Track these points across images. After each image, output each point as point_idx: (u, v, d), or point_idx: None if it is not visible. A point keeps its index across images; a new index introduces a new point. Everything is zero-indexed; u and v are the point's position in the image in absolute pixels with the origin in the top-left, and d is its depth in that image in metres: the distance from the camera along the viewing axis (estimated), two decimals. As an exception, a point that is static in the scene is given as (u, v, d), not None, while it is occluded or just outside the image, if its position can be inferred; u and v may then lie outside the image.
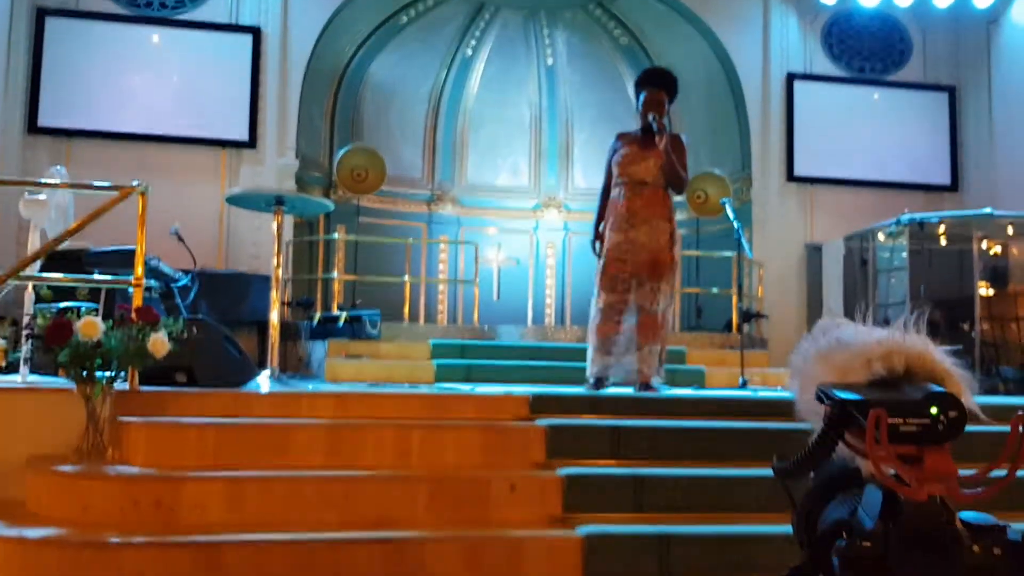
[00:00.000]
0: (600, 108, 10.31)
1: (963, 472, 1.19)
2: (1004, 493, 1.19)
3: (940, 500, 1.18)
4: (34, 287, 4.38)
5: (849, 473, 1.29)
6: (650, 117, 4.87)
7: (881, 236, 7.95)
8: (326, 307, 8.09)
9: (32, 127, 8.09)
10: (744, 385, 5.75)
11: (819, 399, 1.22)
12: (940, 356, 1.28)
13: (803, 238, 9.28)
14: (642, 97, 4.99)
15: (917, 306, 6.72)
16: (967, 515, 1.20)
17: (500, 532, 3.23)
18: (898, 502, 1.17)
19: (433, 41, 10.14)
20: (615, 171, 4.95)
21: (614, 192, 4.94)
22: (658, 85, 5.02)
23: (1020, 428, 1.17)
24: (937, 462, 1.16)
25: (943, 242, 7.61)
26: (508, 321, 8.42)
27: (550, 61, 10.54)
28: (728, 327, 8.25)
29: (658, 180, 4.86)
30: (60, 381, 3.72)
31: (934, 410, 1.16)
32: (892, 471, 1.16)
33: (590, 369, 4.84)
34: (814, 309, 8.69)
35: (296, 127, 8.68)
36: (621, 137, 5.06)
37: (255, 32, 8.56)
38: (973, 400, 1.27)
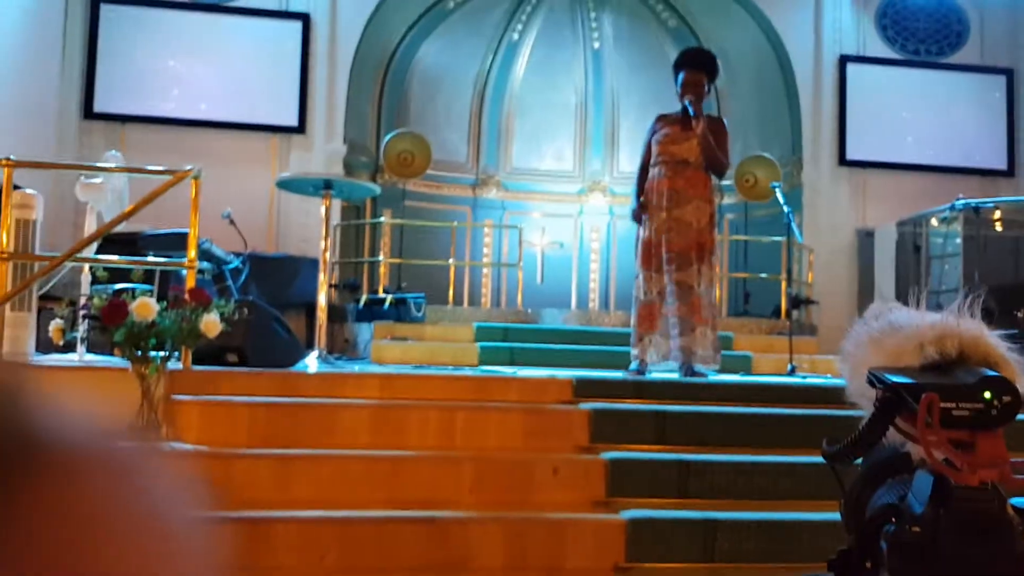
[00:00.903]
0: (647, 92, 10.21)
1: (1016, 459, 1.17)
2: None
3: (992, 486, 1.16)
4: (90, 268, 4.49)
5: (899, 458, 1.27)
6: (686, 100, 4.82)
7: (935, 221, 7.79)
8: (372, 290, 8.17)
9: (88, 112, 8.26)
10: (792, 372, 5.69)
11: (870, 383, 1.21)
12: (995, 341, 1.26)
13: (855, 223, 9.12)
14: (681, 78, 4.94)
15: (971, 292, 6.56)
16: (1019, 501, 1.18)
17: (543, 515, 3.26)
18: (949, 487, 1.16)
19: (480, 26, 10.13)
20: (655, 150, 4.91)
21: (653, 171, 4.89)
22: (697, 66, 4.95)
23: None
24: (990, 447, 1.14)
25: (998, 228, 7.43)
26: (552, 305, 8.42)
27: (596, 45, 10.46)
28: (776, 313, 8.15)
29: (700, 160, 4.81)
30: (115, 360, 3.81)
31: (987, 395, 1.14)
32: (943, 456, 1.14)
33: (636, 352, 4.83)
34: (865, 295, 8.54)
35: (344, 113, 8.75)
36: (661, 118, 5.00)
37: (305, 19, 8.63)
38: (1029, 386, 1.25)
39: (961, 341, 1.23)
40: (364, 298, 7.44)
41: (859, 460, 1.31)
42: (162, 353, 3.60)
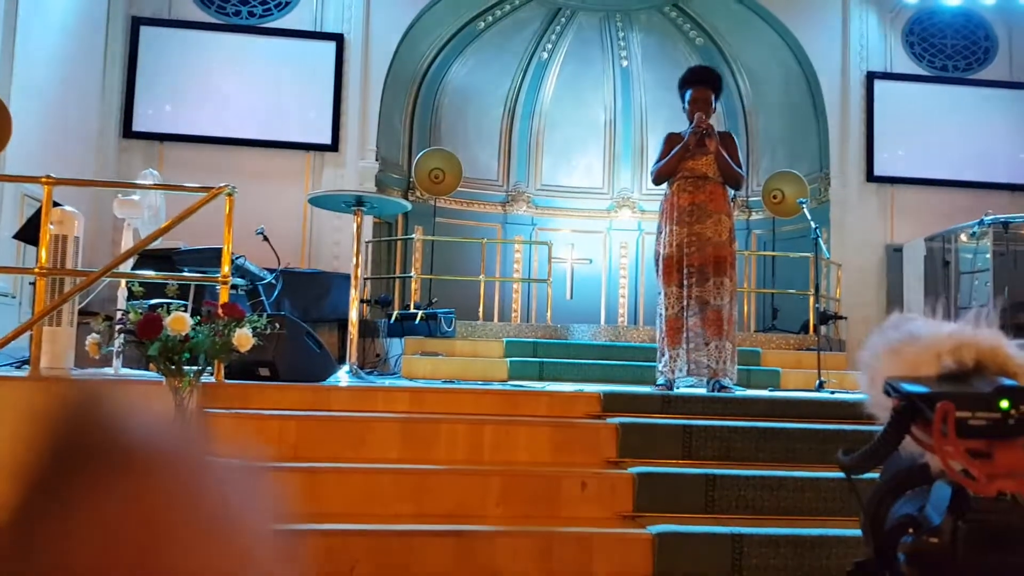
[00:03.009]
0: (674, 109, 10.06)
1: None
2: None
3: (1011, 497, 1.16)
4: (127, 284, 4.59)
5: (918, 469, 1.28)
6: (698, 117, 4.86)
7: (964, 237, 7.71)
8: (404, 305, 8.24)
9: (127, 131, 8.45)
10: (821, 387, 5.65)
11: (886, 393, 1.22)
12: (1014, 351, 1.26)
13: (883, 239, 9.05)
14: (688, 96, 5.00)
15: (1001, 308, 6.49)
16: (1040, 513, 1.18)
17: (571, 529, 3.27)
18: (967, 498, 1.16)
19: (510, 45, 10.23)
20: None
21: (673, 186, 4.93)
22: (703, 83, 5.01)
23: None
24: (1008, 457, 1.15)
25: (1029, 243, 7.33)
26: (581, 320, 8.43)
27: (625, 63, 10.52)
28: (805, 328, 8.11)
29: (718, 174, 4.87)
30: (150, 374, 3.89)
31: (1004, 404, 1.15)
32: (960, 466, 1.15)
33: (662, 367, 4.84)
34: (894, 311, 8.44)
35: (377, 131, 8.87)
36: (675, 137, 5.05)
37: (338, 39, 8.77)
38: (1049, 397, 1.25)
39: (979, 351, 1.24)
40: (395, 313, 7.50)
41: (876, 472, 1.33)
42: (195, 367, 3.67)
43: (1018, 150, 9.27)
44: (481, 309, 8.07)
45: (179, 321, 3.63)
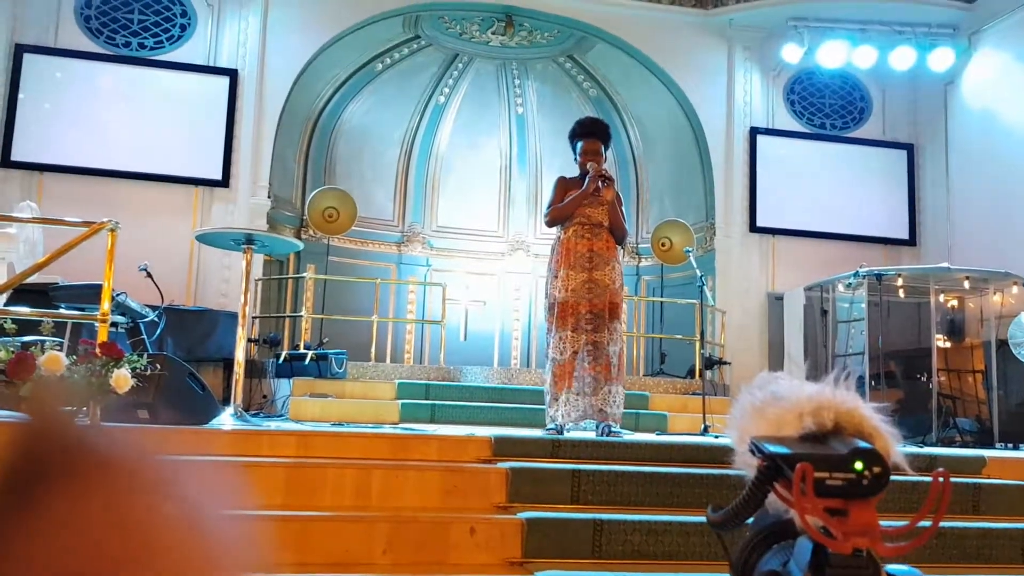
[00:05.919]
0: (568, 156, 10.18)
1: (890, 522, 1.25)
2: (930, 546, 1.25)
3: (866, 553, 1.23)
4: (-2, 321, 4.36)
5: (784, 524, 1.35)
6: (593, 167, 5.00)
7: (840, 287, 8.13)
8: (293, 345, 8.08)
9: (5, 161, 8.05)
10: (706, 431, 5.81)
11: (751, 452, 1.28)
12: (868, 412, 1.35)
13: (765, 287, 9.43)
14: (579, 147, 5.15)
15: (875, 356, 6.97)
16: (893, 568, 1.26)
17: (458, 576, 3.25)
18: (826, 554, 1.23)
19: (407, 88, 10.29)
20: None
21: (568, 232, 5.03)
22: (593, 135, 5.18)
23: (940, 481, 1.24)
24: (862, 516, 1.22)
25: (901, 294, 7.79)
26: (475, 362, 8.46)
27: (520, 110, 10.73)
28: (691, 373, 8.35)
29: (609, 224, 5.02)
30: (22, 416, 3.70)
31: (859, 465, 1.22)
32: (819, 524, 1.22)
33: (553, 412, 4.87)
34: (775, 356, 8.82)
35: (269, 168, 8.73)
36: (568, 181, 5.18)
37: (232, 74, 8.62)
38: (901, 455, 1.34)
39: (837, 413, 1.32)
40: (284, 353, 7.35)
41: (749, 522, 1.38)
42: (70, 409, 3.52)
43: (892, 206, 9.86)
44: (373, 350, 7.99)
45: (54, 360, 3.49)
